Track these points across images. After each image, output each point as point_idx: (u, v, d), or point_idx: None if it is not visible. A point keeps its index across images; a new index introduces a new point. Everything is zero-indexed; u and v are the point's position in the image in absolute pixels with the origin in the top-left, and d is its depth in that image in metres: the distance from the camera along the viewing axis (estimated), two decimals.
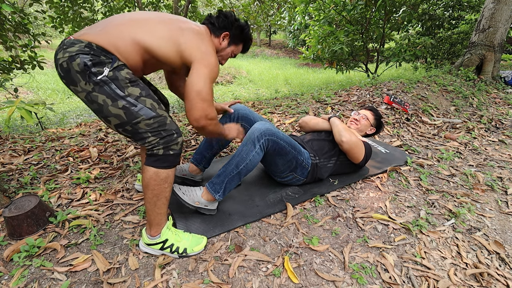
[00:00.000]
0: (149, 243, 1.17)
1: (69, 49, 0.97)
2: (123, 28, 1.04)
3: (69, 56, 0.96)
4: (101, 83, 0.98)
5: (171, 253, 1.17)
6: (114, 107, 0.99)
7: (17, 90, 3.08)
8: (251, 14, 5.35)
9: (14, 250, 1.18)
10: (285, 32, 16.24)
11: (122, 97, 1.00)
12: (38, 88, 6.77)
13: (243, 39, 1.33)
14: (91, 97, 0.99)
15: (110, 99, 0.99)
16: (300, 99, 3.36)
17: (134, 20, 1.07)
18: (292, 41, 14.54)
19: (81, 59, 0.95)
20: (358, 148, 1.59)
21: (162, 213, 1.16)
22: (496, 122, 2.96)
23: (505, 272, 1.18)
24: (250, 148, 1.33)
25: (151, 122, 1.03)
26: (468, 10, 5.99)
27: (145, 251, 1.19)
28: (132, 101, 1.01)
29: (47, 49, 12.40)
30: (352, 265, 1.16)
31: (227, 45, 1.28)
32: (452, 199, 1.63)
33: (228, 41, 1.27)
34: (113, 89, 0.99)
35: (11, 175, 1.72)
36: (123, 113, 1.00)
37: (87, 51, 0.96)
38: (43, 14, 3.52)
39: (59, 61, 0.99)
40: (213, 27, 1.24)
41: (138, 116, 1.01)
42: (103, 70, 0.98)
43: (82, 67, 0.96)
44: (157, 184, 1.09)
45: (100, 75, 0.97)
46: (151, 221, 1.15)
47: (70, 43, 0.98)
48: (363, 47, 5.60)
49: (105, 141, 2.26)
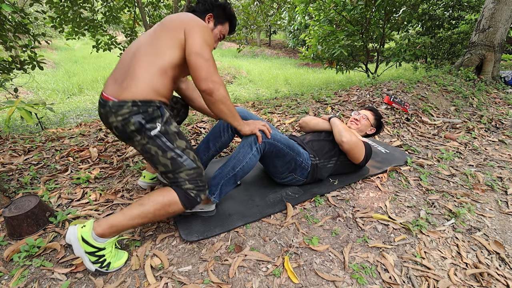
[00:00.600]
0: (89, 241, 1.05)
1: (119, 112, 1.07)
2: (143, 70, 1.10)
3: (122, 119, 1.08)
4: (154, 137, 1.11)
5: (92, 263, 1.07)
6: (164, 157, 1.12)
7: (17, 90, 3.08)
8: (250, 14, 5.36)
9: (14, 250, 1.18)
10: (285, 32, 16.25)
11: (171, 149, 1.13)
12: (38, 88, 6.77)
13: (227, 17, 1.37)
14: (145, 148, 1.13)
15: (161, 150, 1.12)
16: (300, 99, 3.36)
17: (142, 54, 1.13)
18: (292, 41, 14.54)
19: (135, 119, 1.08)
20: (358, 148, 1.59)
21: (132, 228, 1.20)
22: (496, 122, 2.96)
23: (505, 272, 1.18)
24: (246, 150, 1.33)
25: (191, 172, 1.15)
26: (468, 10, 5.99)
27: (71, 243, 1.05)
28: (179, 152, 1.14)
29: (47, 49, 12.41)
30: (352, 265, 1.16)
31: (213, 26, 1.34)
32: (452, 199, 1.63)
33: (214, 22, 1.34)
34: (164, 142, 1.12)
35: (11, 175, 1.72)
36: (170, 163, 1.13)
37: (136, 111, 1.07)
38: (44, 14, 3.52)
39: (112, 124, 1.10)
40: (197, 14, 1.30)
41: (181, 166, 1.14)
42: (156, 125, 1.11)
43: (137, 126, 1.08)
44: (165, 210, 1.13)
45: (154, 130, 1.11)
46: (117, 226, 1.08)
47: (117, 106, 1.07)
48: (363, 47, 5.60)
49: (105, 141, 2.26)
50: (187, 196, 1.14)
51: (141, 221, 1.11)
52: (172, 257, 1.19)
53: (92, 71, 8.76)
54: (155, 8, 4.90)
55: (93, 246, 1.05)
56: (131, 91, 1.08)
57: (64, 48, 13.52)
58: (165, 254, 1.19)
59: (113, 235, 1.10)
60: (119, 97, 1.08)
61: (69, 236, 1.04)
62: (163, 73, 1.12)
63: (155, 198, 1.12)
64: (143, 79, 1.09)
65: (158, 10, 5.05)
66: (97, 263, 1.07)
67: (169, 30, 1.14)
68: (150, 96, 1.10)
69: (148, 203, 1.11)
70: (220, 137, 1.57)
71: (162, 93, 1.14)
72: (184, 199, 1.14)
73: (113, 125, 1.11)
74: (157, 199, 1.12)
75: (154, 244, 1.25)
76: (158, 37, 1.14)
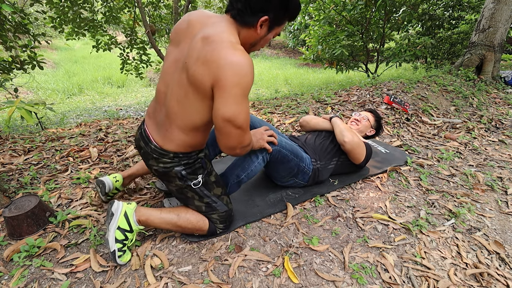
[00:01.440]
0: (129, 218, 1.10)
1: (161, 160, 1.08)
2: (178, 129, 1.02)
3: (163, 167, 1.09)
4: (193, 186, 1.14)
5: (115, 241, 1.08)
6: (199, 202, 1.18)
7: (17, 90, 3.08)
8: None
9: (14, 250, 1.18)
10: (285, 32, 16.24)
11: (208, 196, 1.18)
12: (38, 88, 6.77)
13: (290, 16, 0.99)
14: (182, 191, 1.16)
15: (198, 196, 1.17)
16: (300, 99, 3.36)
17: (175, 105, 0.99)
18: (292, 41, 14.53)
19: (177, 170, 1.09)
20: (360, 148, 1.59)
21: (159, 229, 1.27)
22: (496, 122, 2.96)
23: (505, 272, 1.18)
24: (252, 159, 1.33)
25: (223, 214, 1.22)
26: (468, 10, 5.98)
27: (114, 213, 1.10)
28: (214, 199, 1.19)
29: (47, 49, 12.41)
30: (352, 265, 1.16)
31: (267, 31, 0.99)
32: (452, 199, 1.63)
33: (268, 25, 0.97)
34: (202, 190, 1.16)
35: (11, 175, 1.72)
36: (204, 207, 1.19)
37: (177, 162, 1.08)
38: (44, 14, 3.52)
39: (152, 167, 1.12)
40: (242, 17, 0.93)
41: (215, 210, 1.20)
42: (198, 177, 1.14)
43: (179, 176, 1.11)
44: (192, 230, 1.21)
45: (194, 181, 1.13)
46: (151, 221, 1.15)
47: (158, 153, 1.07)
48: (363, 47, 5.60)
49: (105, 141, 2.26)
50: (215, 230, 1.24)
51: (169, 227, 1.19)
52: (172, 257, 1.19)
53: (92, 71, 8.76)
54: (155, 8, 4.89)
55: (129, 225, 1.11)
56: (172, 146, 1.06)
57: (64, 48, 13.51)
58: (165, 254, 1.19)
59: (144, 226, 1.16)
60: (162, 146, 1.07)
61: (115, 206, 1.11)
62: (196, 131, 1.04)
63: (191, 217, 1.20)
64: (181, 139, 1.04)
65: (158, 10, 5.04)
66: (119, 243, 1.10)
67: (197, 85, 0.90)
68: (188, 150, 1.09)
69: (183, 218, 1.18)
70: None
71: (198, 145, 1.11)
72: (211, 231, 1.23)
73: (153, 168, 1.13)
74: (192, 219, 1.19)
75: (154, 244, 1.25)
76: (186, 93, 0.94)
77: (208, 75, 0.87)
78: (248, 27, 0.95)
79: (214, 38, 0.88)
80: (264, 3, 0.90)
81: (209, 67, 0.86)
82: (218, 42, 0.87)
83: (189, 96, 0.94)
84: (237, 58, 0.85)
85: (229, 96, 0.87)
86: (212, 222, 1.23)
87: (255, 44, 1.02)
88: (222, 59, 0.85)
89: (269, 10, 0.92)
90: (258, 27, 0.94)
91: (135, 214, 1.13)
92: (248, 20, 0.93)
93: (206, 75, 0.87)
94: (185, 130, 1.02)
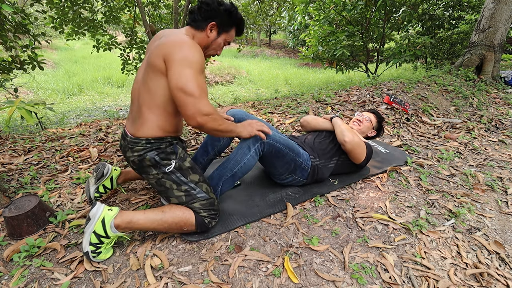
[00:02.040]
0: (106, 225, 1.10)
1: (135, 148, 1.16)
2: (147, 111, 1.13)
3: (137, 155, 1.17)
4: (169, 173, 1.18)
5: (89, 243, 1.09)
6: (178, 190, 1.20)
7: (17, 90, 3.08)
8: (250, 14, 5.35)
9: (14, 250, 1.18)
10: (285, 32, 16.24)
11: (185, 183, 1.20)
12: (38, 88, 6.77)
13: (234, 23, 1.22)
14: (160, 182, 1.20)
15: (176, 184, 1.20)
16: (300, 99, 3.36)
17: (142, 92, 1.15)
18: (292, 41, 14.53)
19: (150, 156, 1.16)
20: (360, 148, 1.59)
21: (145, 231, 1.29)
22: (496, 122, 2.96)
23: (505, 272, 1.18)
24: (244, 152, 1.33)
25: (205, 202, 1.23)
26: (468, 10, 5.98)
27: (91, 217, 1.11)
28: (192, 185, 1.21)
29: (47, 49, 12.42)
30: (352, 265, 1.16)
31: (216, 35, 1.20)
32: (452, 199, 1.63)
33: (217, 31, 1.19)
34: (178, 177, 1.20)
35: (11, 175, 1.72)
36: (183, 195, 1.20)
37: (150, 148, 1.16)
38: (44, 14, 3.52)
39: (130, 159, 1.20)
40: (196, 23, 1.16)
41: (195, 198, 1.21)
42: (171, 162, 1.19)
43: (153, 162, 1.17)
44: (180, 226, 1.19)
45: (169, 167, 1.18)
46: (135, 223, 1.14)
47: (133, 142, 1.16)
48: (363, 47, 5.60)
49: (105, 141, 2.26)
50: (202, 221, 1.22)
51: (156, 227, 1.17)
52: (172, 257, 1.19)
53: (92, 71, 8.76)
54: (155, 8, 4.89)
55: (105, 231, 1.11)
56: (143, 131, 1.15)
57: (64, 48, 13.52)
58: (165, 254, 1.19)
59: (126, 230, 1.16)
60: (134, 134, 1.17)
61: (94, 211, 1.12)
62: (163, 110, 1.14)
63: (176, 211, 1.19)
64: (150, 120, 1.14)
65: (158, 10, 5.04)
66: (93, 246, 1.11)
67: (153, 66, 1.08)
68: (160, 133, 1.16)
69: (169, 213, 1.18)
70: (218, 141, 1.56)
71: (170, 130, 1.18)
72: (199, 223, 1.22)
73: (130, 160, 1.20)
74: (177, 212, 1.19)
75: (154, 244, 1.25)
76: (147, 75, 1.12)
77: (161, 56, 1.06)
78: (200, 30, 1.17)
79: (169, 34, 1.14)
80: (211, 12, 1.15)
81: (161, 49, 1.06)
82: (171, 35, 1.12)
83: (150, 76, 1.11)
84: (182, 40, 1.07)
85: (176, 68, 1.03)
86: (196, 213, 1.21)
87: (208, 47, 1.22)
88: (171, 41, 1.07)
89: (216, 17, 1.16)
90: (208, 30, 1.17)
91: (115, 220, 1.12)
92: (200, 24, 1.16)
93: (160, 55, 1.06)
94: (152, 108, 1.12)
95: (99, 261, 1.14)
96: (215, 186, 1.35)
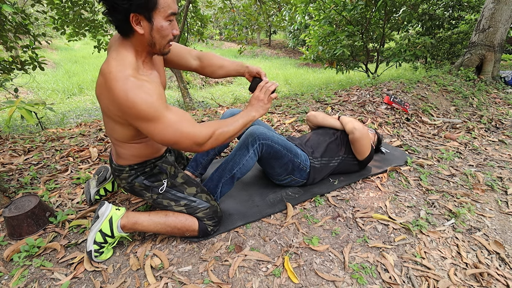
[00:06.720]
0: (113, 225, 1.12)
1: (121, 176, 1.15)
2: (117, 145, 1.09)
3: (126, 182, 1.16)
4: (163, 193, 1.18)
5: (94, 242, 1.10)
6: (177, 206, 1.19)
7: (17, 90, 3.08)
8: (252, 15, 5.35)
9: (14, 250, 1.18)
10: (285, 32, 16.23)
11: (183, 198, 1.20)
12: (38, 88, 6.78)
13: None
14: (157, 202, 1.19)
15: (173, 201, 1.19)
16: (300, 99, 3.36)
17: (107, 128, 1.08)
18: (292, 41, 14.53)
19: (139, 182, 1.15)
20: (367, 140, 1.61)
21: (149, 232, 1.29)
22: (496, 122, 2.96)
23: (505, 272, 1.18)
24: (243, 152, 1.34)
25: (207, 211, 1.22)
26: (468, 10, 5.98)
27: (99, 216, 1.12)
28: (191, 198, 1.21)
29: (47, 49, 12.41)
30: (352, 265, 1.16)
31: (148, 23, 0.89)
32: (452, 199, 1.63)
33: (145, 17, 0.88)
34: (174, 194, 1.19)
35: (11, 175, 1.72)
36: (185, 209, 1.20)
37: (135, 174, 1.14)
38: (44, 14, 3.52)
39: (120, 185, 1.19)
40: (120, 29, 0.92)
41: (197, 209, 1.21)
42: (163, 182, 1.17)
43: (144, 186, 1.16)
44: (182, 231, 1.20)
45: (161, 187, 1.17)
46: (140, 225, 1.15)
47: (118, 170, 1.15)
48: (363, 47, 5.60)
49: (105, 141, 2.26)
50: (205, 228, 1.23)
51: (159, 230, 1.18)
52: (172, 257, 1.19)
53: (92, 71, 8.76)
54: None
55: (111, 231, 1.12)
56: (122, 161, 1.13)
57: (64, 48, 13.52)
58: (165, 254, 1.19)
59: (130, 231, 1.17)
60: (117, 162, 1.15)
61: (103, 209, 1.13)
62: (129, 143, 1.08)
63: (179, 217, 1.20)
64: (123, 153, 1.11)
65: None
66: (97, 245, 1.11)
67: (104, 111, 0.98)
68: (139, 160, 1.13)
69: (172, 217, 1.19)
70: None
71: (148, 154, 1.14)
72: (201, 230, 1.22)
73: (120, 186, 1.19)
74: (181, 218, 1.20)
75: (154, 244, 1.26)
76: (103, 114, 1.01)
77: (106, 104, 0.93)
78: (131, 34, 0.92)
79: (104, 66, 0.91)
80: (119, 5, 0.85)
81: (102, 98, 0.93)
82: (101, 71, 0.90)
83: (105, 120, 1.03)
84: (111, 85, 0.86)
85: (141, 127, 0.92)
86: (200, 221, 1.22)
87: (153, 42, 0.94)
88: (104, 90, 0.89)
89: (127, 7, 0.85)
90: (136, 27, 0.89)
91: (121, 220, 1.14)
92: (124, 27, 0.90)
93: (105, 103, 0.93)
94: (119, 144, 1.09)
95: (100, 261, 1.14)
96: (215, 188, 1.35)
